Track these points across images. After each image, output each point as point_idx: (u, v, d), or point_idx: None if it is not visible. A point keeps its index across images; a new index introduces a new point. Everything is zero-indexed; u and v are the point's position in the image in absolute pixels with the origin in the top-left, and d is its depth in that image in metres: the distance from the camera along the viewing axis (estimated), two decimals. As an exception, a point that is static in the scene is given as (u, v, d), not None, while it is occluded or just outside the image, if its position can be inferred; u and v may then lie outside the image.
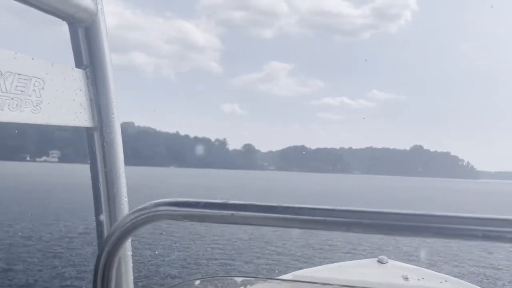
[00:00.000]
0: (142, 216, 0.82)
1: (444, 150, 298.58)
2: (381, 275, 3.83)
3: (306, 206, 0.74)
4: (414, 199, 44.76)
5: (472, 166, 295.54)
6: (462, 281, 4.06)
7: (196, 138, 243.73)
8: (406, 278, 3.63)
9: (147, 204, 0.83)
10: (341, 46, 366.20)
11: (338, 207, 0.73)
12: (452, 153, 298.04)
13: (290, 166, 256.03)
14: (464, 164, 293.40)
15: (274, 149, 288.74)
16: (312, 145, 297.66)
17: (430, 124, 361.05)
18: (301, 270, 4.13)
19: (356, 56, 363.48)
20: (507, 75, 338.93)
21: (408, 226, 0.71)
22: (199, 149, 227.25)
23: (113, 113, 1.21)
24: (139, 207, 0.84)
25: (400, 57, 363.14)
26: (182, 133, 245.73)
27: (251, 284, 1.35)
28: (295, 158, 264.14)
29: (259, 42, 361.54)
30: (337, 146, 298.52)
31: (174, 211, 0.81)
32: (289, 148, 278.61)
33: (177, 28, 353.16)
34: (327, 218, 0.73)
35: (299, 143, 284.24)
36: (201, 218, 0.80)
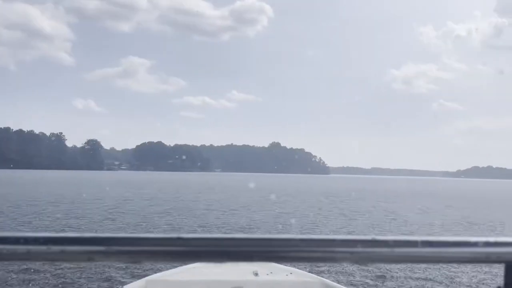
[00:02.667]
0: None
1: (299, 147, 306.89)
2: (233, 272, 3.93)
3: (75, 236, 0.63)
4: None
5: (323, 162, 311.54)
6: (306, 272, 4.43)
7: (21, 132, 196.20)
8: (256, 274, 3.94)
9: None
10: (201, 46, 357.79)
11: (117, 235, 0.64)
12: (306, 150, 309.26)
13: (144, 165, 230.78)
14: (317, 160, 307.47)
15: (130, 147, 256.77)
16: (171, 142, 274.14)
17: (286, 122, 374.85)
18: (154, 275, 4.21)
19: (216, 56, 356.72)
20: (346, 80, 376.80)
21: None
22: (22, 145, 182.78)
23: None
24: None
25: (257, 60, 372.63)
26: (2, 125, 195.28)
27: None
28: (151, 156, 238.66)
29: (115, 36, 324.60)
30: (198, 143, 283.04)
31: None
32: (143, 145, 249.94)
33: (18, 12, 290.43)
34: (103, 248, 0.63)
35: (155, 140, 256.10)
36: None
